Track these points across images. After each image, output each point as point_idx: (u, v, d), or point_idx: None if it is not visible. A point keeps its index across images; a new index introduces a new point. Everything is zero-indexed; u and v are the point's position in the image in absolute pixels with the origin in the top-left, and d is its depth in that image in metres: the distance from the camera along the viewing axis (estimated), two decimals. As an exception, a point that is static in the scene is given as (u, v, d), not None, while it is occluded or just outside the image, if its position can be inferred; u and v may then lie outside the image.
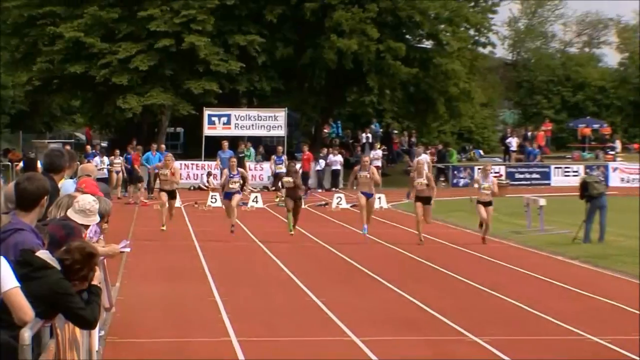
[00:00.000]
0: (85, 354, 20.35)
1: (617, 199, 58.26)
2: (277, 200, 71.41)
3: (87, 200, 17.43)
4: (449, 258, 41.55)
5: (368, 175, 41.99)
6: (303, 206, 53.17)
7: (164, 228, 45.12)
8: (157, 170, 48.15)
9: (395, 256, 43.15)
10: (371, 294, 32.51)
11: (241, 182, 44.58)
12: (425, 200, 43.13)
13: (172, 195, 43.28)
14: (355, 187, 47.02)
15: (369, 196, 42.21)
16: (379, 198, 70.58)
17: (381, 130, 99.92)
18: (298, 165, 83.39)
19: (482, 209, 42.41)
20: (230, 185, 42.63)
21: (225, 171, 45.37)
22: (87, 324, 13.62)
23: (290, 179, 44.96)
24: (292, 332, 25.95)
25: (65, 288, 13.27)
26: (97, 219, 17.48)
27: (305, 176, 79.27)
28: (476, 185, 43.38)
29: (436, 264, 39.25)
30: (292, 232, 45.71)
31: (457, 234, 49.29)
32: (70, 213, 16.40)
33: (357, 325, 26.84)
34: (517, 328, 27.33)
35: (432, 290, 33.11)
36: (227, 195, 44.31)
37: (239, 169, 44.08)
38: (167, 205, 44.52)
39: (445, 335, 25.58)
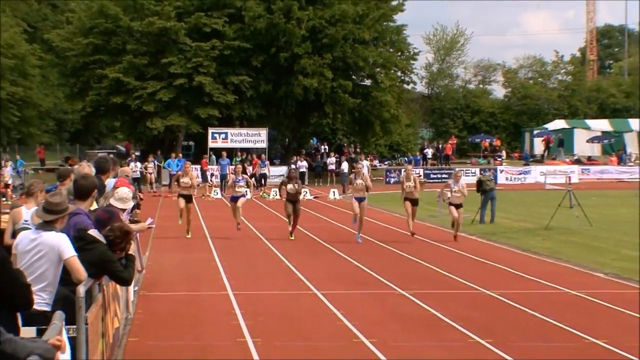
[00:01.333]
0: (123, 304, 20.44)
1: (503, 193, 58.27)
2: (262, 194, 71.31)
3: (124, 191, 18.16)
4: (384, 235, 41.41)
5: (363, 183, 37.67)
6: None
7: (189, 236, 38.58)
8: (175, 173, 44.06)
9: (342, 232, 43.09)
10: (327, 260, 32.49)
11: (246, 186, 40.61)
12: (414, 202, 38.83)
13: (189, 199, 38.16)
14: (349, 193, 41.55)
15: (361, 200, 37.77)
16: (306, 192, 70.20)
17: (317, 143, 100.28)
18: (281, 168, 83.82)
19: (453, 210, 38.45)
20: (237, 189, 38.45)
21: (232, 176, 40.60)
22: (125, 283, 14.67)
23: (293, 187, 39.65)
24: (271, 287, 26.08)
25: (110, 257, 14.08)
26: (132, 204, 17.84)
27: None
28: (447, 190, 39.12)
29: (375, 239, 39.16)
30: (292, 237, 39.86)
31: (389, 218, 49.08)
32: (112, 201, 16.63)
33: (318, 282, 26.88)
34: (431, 284, 27.29)
35: (371, 257, 33.02)
36: (234, 199, 39.36)
37: (243, 175, 39.81)
38: (185, 211, 38.45)
39: (382, 289, 25.53)
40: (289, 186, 39.13)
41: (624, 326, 21.03)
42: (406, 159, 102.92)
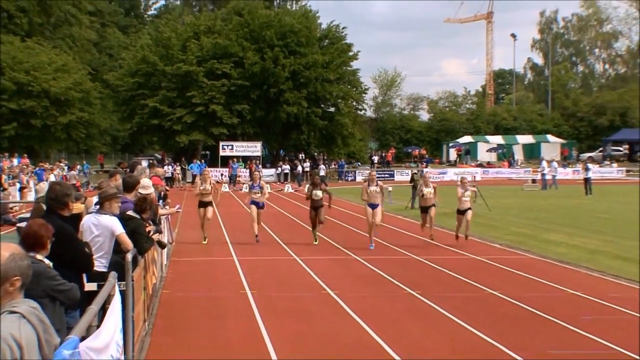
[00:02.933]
0: (159, 266, 20.36)
1: (455, 189, 57.91)
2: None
3: (145, 182, 18.27)
4: (342, 216, 41.06)
5: (378, 190, 29.21)
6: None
7: (205, 242, 29.90)
8: (198, 177, 33.80)
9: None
10: (303, 236, 32.25)
11: (260, 193, 30.84)
12: (429, 208, 30.28)
13: (209, 204, 30.36)
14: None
15: (375, 207, 28.81)
16: (288, 186, 69.17)
17: (283, 153, 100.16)
18: (271, 170, 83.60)
19: (460, 217, 29.49)
20: (253, 195, 30.44)
21: (249, 182, 32.74)
22: (140, 253, 14.05)
23: (319, 193, 30.83)
24: (266, 254, 25.79)
25: (141, 231, 14.22)
26: (151, 190, 18.05)
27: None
28: (463, 197, 29.49)
29: (337, 219, 38.81)
30: (316, 242, 30.09)
31: (349, 205, 48.61)
32: (140, 190, 16.64)
33: (298, 251, 26.75)
34: (379, 252, 27.12)
35: (336, 233, 32.82)
36: (253, 202, 30.54)
37: (260, 181, 31.22)
38: (205, 218, 30.24)
39: (344, 256, 25.36)
40: (315, 192, 30.65)
41: (514, 282, 20.95)
42: (359, 163, 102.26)
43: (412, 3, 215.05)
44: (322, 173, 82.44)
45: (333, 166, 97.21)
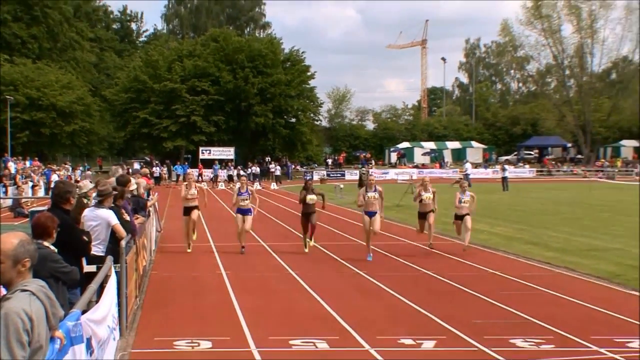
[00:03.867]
0: (149, 251, 20.22)
1: (395, 186, 57.69)
2: (229, 188, 70.78)
3: (135, 182, 18.02)
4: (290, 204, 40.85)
5: (377, 195, 22.85)
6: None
7: (190, 250, 24.07)
8: (183, 186, 25.77)
9: (278, 210, 42.47)
10: (270, 226, 32.15)
11: (249, 200, 24.48)
12: (428, 214, 24.23)
13: (194, 208, 24.66)
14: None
15: (372, 215, 22.78)
16: (257, 184, 68.94)
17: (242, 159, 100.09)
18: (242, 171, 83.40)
19: (458, 222, 23.98)
20: (241, 203, 24.29)
21: (236, 189, 25.12)
22: (120, 236, 13.18)
23: (314, 197, 24.44)
24: (236, 240, 25.55)
25: (119, 220, 13.29)
26: (134, 187, 17.65)
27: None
28: (461, 203, 23.85)
29: (294, 206, 38.68)
30: (307, 250, 24.19)
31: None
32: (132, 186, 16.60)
33: (265, 238, 26.66)
34: (328, 239, 27.09)
35: (295, 222, 32.73)
36: (240, 211, 24.41)
37: (249, 187, 25.02)
38: (191, 223, 24.42)
39: (300, 242, 25.29)
40: (308, 197, 24.26)
41: (444, 263, 21.01)
42: (316, 165, 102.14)
43: (360, 31, 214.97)
44: (277, 173, 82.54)
45: (294, 167, 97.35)
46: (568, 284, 17.53)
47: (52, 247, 8.75)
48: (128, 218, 13.93)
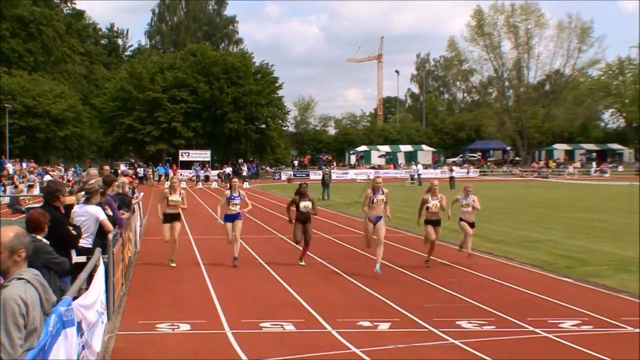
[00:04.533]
0: (134, 242, 20.13)
1: (334, 184, 57.78)
2: (204, 186, 70.65)
3: (120, 180, 17.94)
4: (263, 202, 40.82)
5: (384, 198, 18.44)
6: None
7: (174, 264, 18.99)
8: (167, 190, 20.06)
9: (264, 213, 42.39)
10: (244, 223, 32.04)
11: (240, 202, 19.89)
12: (436, 223, 19.34)
13: (176, 218, 19.79)
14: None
15: (377, 220, 18.16)
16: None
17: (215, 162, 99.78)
18: (216, 171, 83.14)
19: (465, 225, 19.92)
20: (231, 207, 19.71)
21: (227, 192, 20.13)
22: (108, 229, 13.03)
23: (308, 204, 19.51)
24: (209, 234, 25.43)
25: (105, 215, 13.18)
26: (117, 184, 17.42)
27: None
28: (462, 207, 20.39)
29: (264, 203, 38.56)
30: (303, 263, 19.24)
31: (275, 197, 48.43)
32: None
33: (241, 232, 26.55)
34: (284, 230, 27.06)
35: (266, 218, 32.62)
36: (227, 218, 19.77)
37: (240, 190, 20.02)
38: (172, 234, 19.44)
39: (268, 235, 25.21)
40: (302, 204, 19.28)
41: (397, 254, 21.01)
42: (284, 165, 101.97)
43: (323, 46, 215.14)
44: (244, 173, 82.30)
45: (262, 168, 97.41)
46: (507, 272, 17.65)
47: (45, 240, 8.77)
48: (111, 213, 13.78)
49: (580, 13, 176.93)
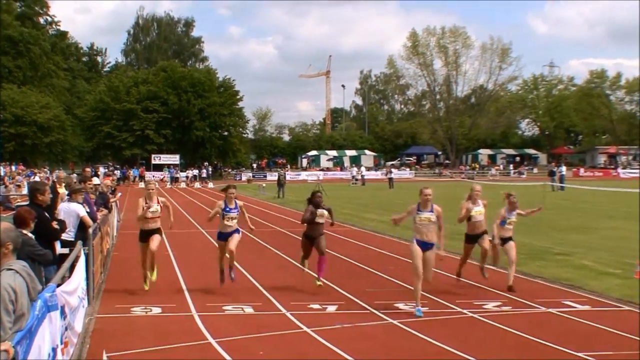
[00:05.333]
0: (111, 236, 19.97)
1: (289, 184, 57.76)
2: (173, 187, 69.97)
3: (103, 182, 17.59)
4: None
5: (433, 218, 12.47)
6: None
7: (147, 288, 13.71)
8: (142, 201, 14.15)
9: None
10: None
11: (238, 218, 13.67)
12: (478, 238, 14.62)
13: (155, 232, 14.20)
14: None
15: (426, 247, 12.15)
16: (197, 183, 67.67)
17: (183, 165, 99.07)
18: (184, 173, 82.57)
19: (507, 247, 14.15)
20: (226, 222, 13.37)
21: (220, 203, 13.48)
22: (87, 225, 12.93)
23: (325, 212, 14.18)
24: (185, 228, 25.15)
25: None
26: (95, 183, 17.27)
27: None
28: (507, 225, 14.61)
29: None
30: (320, 283, 13.87)
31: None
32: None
33: (209, 225, 26.27)
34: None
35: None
36: (222, 236, 13.58)
37: (237, 201, 13.54)
38: (148, 253, 13.95)
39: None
40: (319, 211, 14.22)
41: (343, 245, 21.06)
42: (254, 166, 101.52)
43: (278, 63, 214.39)
44: (204, 175, 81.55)
45: (224, 169, 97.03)
46: (439, 261, 17.79)
47: (30, 235, 8.79)
48: (88, 209, 13.64)
49: (501, 36, 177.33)
